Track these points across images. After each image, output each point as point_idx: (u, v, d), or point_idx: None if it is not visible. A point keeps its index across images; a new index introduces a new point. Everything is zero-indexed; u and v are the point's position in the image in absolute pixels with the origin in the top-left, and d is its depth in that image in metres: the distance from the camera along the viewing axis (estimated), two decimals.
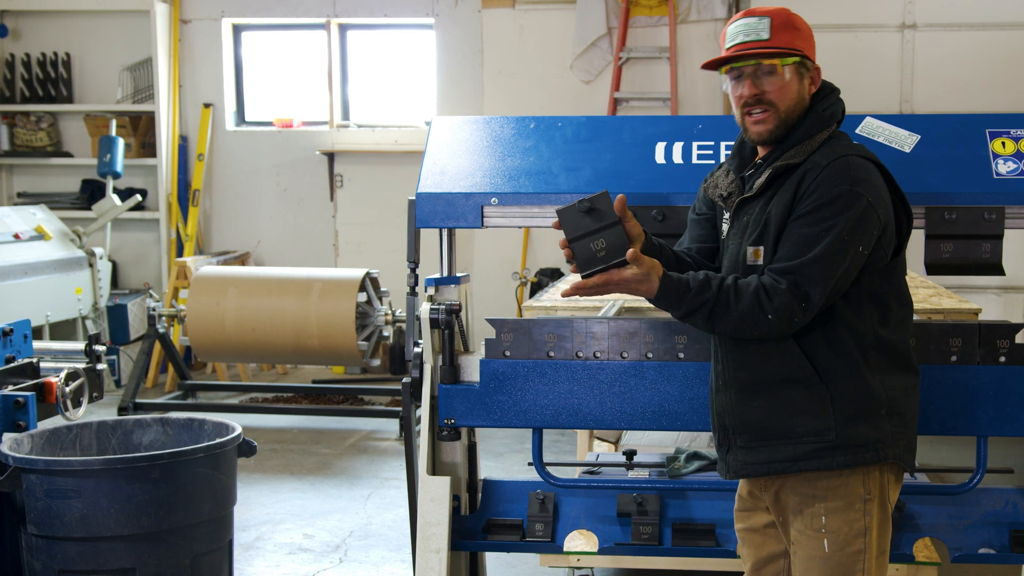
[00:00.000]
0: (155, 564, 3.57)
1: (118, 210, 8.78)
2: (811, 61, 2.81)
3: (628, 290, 2.66)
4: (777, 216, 2.70)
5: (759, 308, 2.61)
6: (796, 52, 2.75)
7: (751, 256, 2.75)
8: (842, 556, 2.70)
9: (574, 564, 4.22)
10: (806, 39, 2.81)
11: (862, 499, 2.71)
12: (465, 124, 3.66)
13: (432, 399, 3.49)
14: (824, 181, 2.65)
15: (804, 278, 2.60)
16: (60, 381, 4.10)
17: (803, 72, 2.79)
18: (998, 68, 8.74)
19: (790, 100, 2.77)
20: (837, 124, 2.84)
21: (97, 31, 9.98)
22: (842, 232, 2.61)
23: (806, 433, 2.69)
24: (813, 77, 2.81)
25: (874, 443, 2.68)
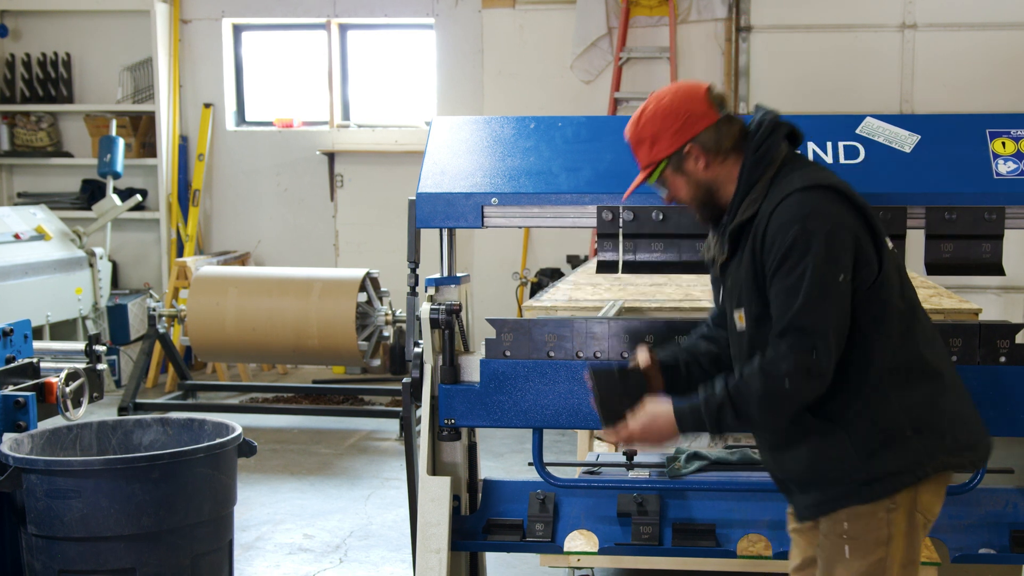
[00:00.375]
0: (155, 564, 3.57)
1: (118, 210, 8.78)
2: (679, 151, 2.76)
3: (656, 439, 2.73)
4: (745, 275, 2.69)
5: (772, 383, 2.57)
6: (654, 164, 2.79)
7: (737, 321, 2.74)
8: (862, 563, 2.69)
9: (574, 564, 4.22)
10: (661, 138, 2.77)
11: (886, 508, 2.68)
12: (465, 124, 3.66)
13: (432, 399, 3.49)
14: (777, 230, 2.60)
15: (799, 330, 2.56)
16: (60, 381, 4.10)
17: (681, 163, 2.78)
18: (998, 68, 8.74)
19: (688, 193, 2.81)
20: (783, 154, 2.76)
21: (97, 31, 9.98)
22: (816, 271, 2.55)
23: (836, 477, 2.68)
24: (696, 156, 2.76)
25: (910, 467, 2.66)
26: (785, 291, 2.58)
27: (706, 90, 2.78)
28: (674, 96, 2.78)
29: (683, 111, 2.75)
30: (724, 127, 2.76)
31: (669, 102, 2.77)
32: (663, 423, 2.70)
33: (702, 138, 2.75)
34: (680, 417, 2.68)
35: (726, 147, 2.76)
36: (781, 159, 2.74)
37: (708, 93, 2.78)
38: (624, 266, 3.43)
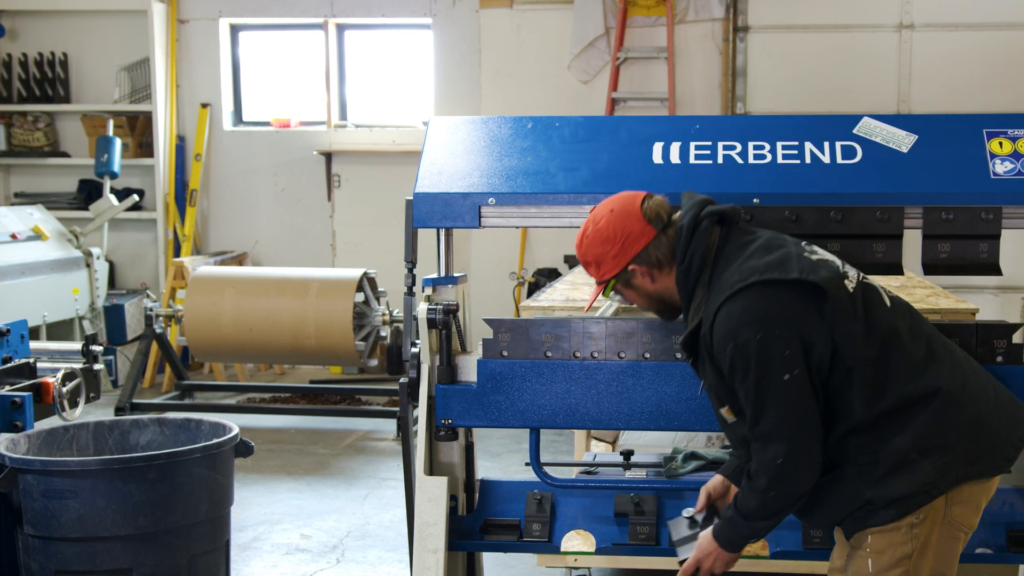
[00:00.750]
0: (152, 564, 3.57)
1: (115, 210, 8.77)
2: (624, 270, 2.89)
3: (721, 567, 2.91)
4: (714, 379, 2.80)
5: (764, 496, 2.70)
6: (603, 283, 2.94)
7: (726, 415, 2.83)
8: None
9: (571, 564, 4.22)
10: (603, 260, 2.90)
11: (909, 524, 2.70)
12: (463, 124, 3.66)
13: (429, 399, 3.48)
14: (717, 347, 2.70)
15: (763, 440, 2.67)
16: (57, 381, 4.09)
17: (629, 280, 2.92)
18: (996, 68, 8.75)
19: (644, 303, 2.98)
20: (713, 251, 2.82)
21: (94, 31, 9.98)
22: (757, 382, 2.63)
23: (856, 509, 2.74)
24: (639, 274, 2.90)
25: (923, 487, 2.67)
26: (743, 401, 2.70)
27: (640, 205, 2.87)
28: (609, 218, 2.89)
29: (619, 234, 2.87)
30: (662, 240, 2.87)
31: (605, 225, 2.89)
32: (715, 554, 2.88)
33: (642, 257, 2.88)
34: (724, 540, 2.86)
35: (668, 258, 2.88)
36: (712, 254, 2.81)
37: (643, 208, 2.87)
38: None
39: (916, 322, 2.81)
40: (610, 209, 2.90)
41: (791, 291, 2.65)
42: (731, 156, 3.41)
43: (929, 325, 2.87)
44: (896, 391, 2.68)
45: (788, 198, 3.30)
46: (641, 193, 2.92)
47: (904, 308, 2.82)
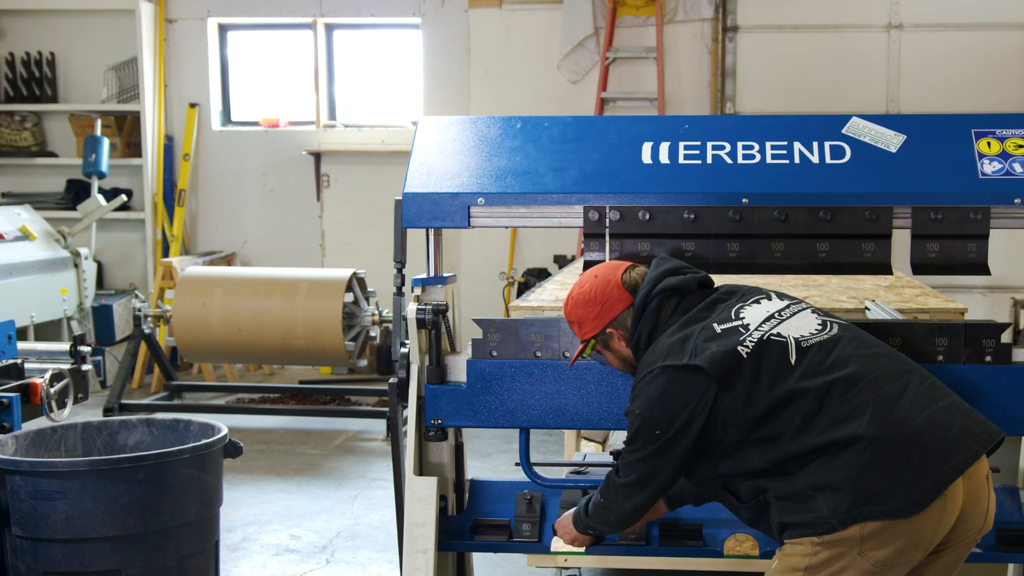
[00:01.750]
0: (141, 565, 3.56)
1: (103, 210, 8.75)
2: (603, 332, 3.09)
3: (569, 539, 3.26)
4: None
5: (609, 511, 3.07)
6: (584, 343, 3.13)
7: None
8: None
9: (561, 564, 4.22)
10: (585, 322, 3.11)
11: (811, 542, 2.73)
12: (452, 124, 3.65)
13: (419, 399, 3.48)
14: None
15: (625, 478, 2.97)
16: (45, 382, 4.08)
17: (607, 341, 3.11)
18: (984, 68, 8.78)
19: (618, 365, 3.16)
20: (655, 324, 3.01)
21: (82, 30, 9.95)
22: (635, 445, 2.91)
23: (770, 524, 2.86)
24: (617, 338, 3.09)
25: (813, 521, 2.72)
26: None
27: (621, 275, 3.10)
28: (593, 283, 3.10)
29: (599, 298, 3.08)
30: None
31: (588, 289, 3.10)
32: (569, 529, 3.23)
33: (618, 321, 3.07)
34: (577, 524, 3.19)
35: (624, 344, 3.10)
36: (660, 328, 3.00)
37: (623, 277, 3.09)
38: None
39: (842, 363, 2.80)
40: (595, 275, 3.12)
41: (680, 373, 2.84)
42: (720, 156, 3.41)
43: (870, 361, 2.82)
44: (792, 445, 2.74)
45: (777, 198, 3.30)
46: (624, 264, 3.14)
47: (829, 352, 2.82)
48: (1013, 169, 3.31)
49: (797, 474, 2.74)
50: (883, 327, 3.31)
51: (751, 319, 2.90)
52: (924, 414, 2.75)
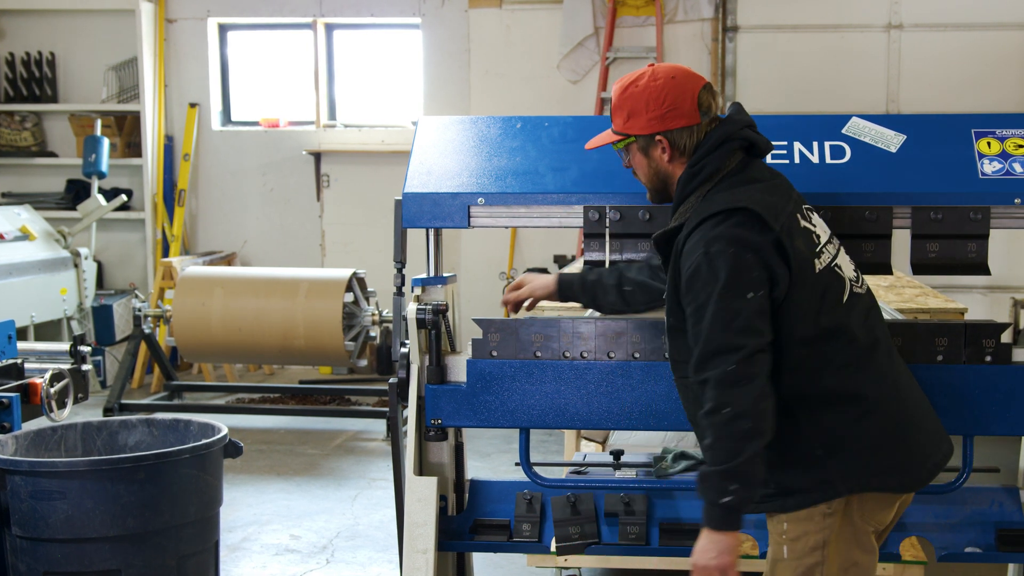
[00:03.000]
0: (141, 565, 3.56)
1: (103, 210, 8.75)
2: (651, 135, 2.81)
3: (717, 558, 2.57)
4: (669, 287, 2.77)
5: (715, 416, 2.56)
6: (623, 135, 2.85)
7: (668, 322, 2.82)
8: (799, 564, 2.72)
9: (561, 564, 4.22)
10: (638, 116, 2.82)
11: (823, 513, 2.70)
12: (452, 124, 3.65)
13: (419, 399, 3.48)
14: (687, 254, 2.66)
15: (713, 356, 2.58)
16: (45, 382, 4.08)
17: (648, 146, 2.84)
18: (984, 68, 8.78)
19: (645, 175, 2.90)
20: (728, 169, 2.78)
21: (82, 30, 9.95)
22: (719, 294, 2.58)
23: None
24: (663, 147, 2.82)
25: (818, 485, 2.67)
26: (694, 320, 2.63)
27: (700, 89, 2.82)
28: (666, 83, 2.81)
29: (668, 102, 2.80)
30: (698, 131, 2.82)
31: (661, 87, 2.81)
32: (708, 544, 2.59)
33: (675, 135, 2.82)
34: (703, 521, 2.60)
35: (692, 150, 2.82)
36: (721, 175, 2.77)
37: (700, 93, 2.81)
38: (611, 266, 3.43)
39: (871, 324, 2.78)
40: (673, 75, 2.83)
41: (769, 234, 2.64)
42: None
43: (884, 331, 2.83)
44: (822, 382, 2.67)
45: None
46: (703, 80, 2.87)
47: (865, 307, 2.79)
48: (1013, 169, 3.31)
49: (803, 423, 2.66)
50: None
51: (820, 230, 2.78)
52: (923, 397, 2.86)
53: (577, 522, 3.56)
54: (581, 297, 3.38)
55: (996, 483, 3.79)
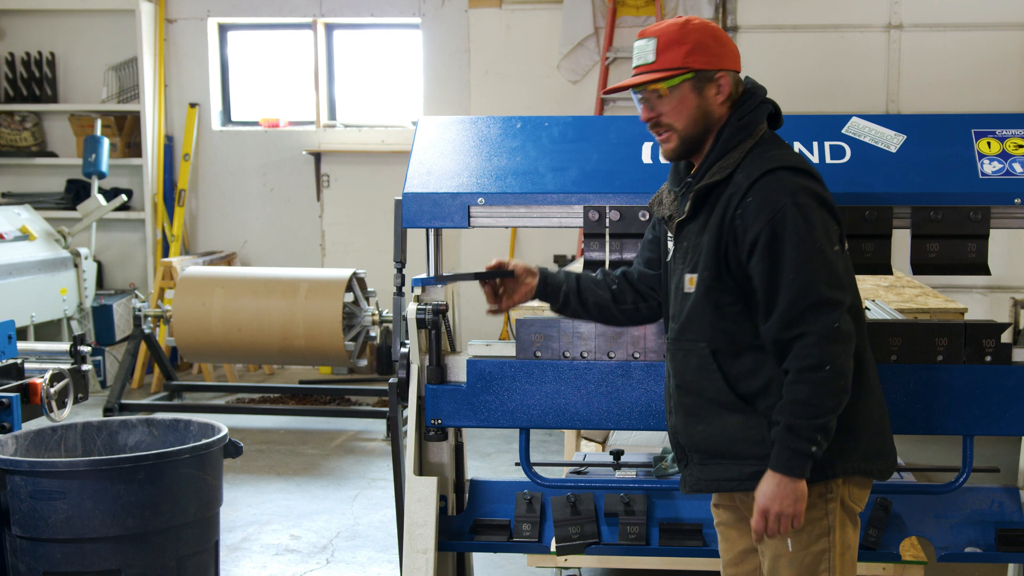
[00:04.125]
0: (141, 565, 3.56)
1: (103, 210, 8.74)
2: (712, 71, 2.73)
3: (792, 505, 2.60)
4: (709, 245, 2.68)
5: (809, 363, 2.55)
6: (683, 70, 2.70)
7: (687, 284, 2.73)
8: (806, 555, 2.71)
9: (561, 564, 4.22)
10: (703, 50, 2.71)
11: (824, 498, 2.70)
12: (452, 124, 3.65)
13: (419, 399, 3.48)
14: (761, 204, 2.60)
15: (813, 309, 2.55)
16: (45, 382, 4.08)
17: (703, 85, 2.73)
18: (984, 68, 8.78)
19: (688, 118, 2.73)
20: (763, 130, 2.77)
21: (82, 30, 9.95)
22: (814, 246, 2.57)
23: (748, 456, 2.69)
24: (720, 86, 2.74)
25: (819, 464, 2.65)
26: (774, 273, 2.58)
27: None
28: (718, 29, 2.79)
29: (728, 43, 2.78)
30: (739, 83, 2.81)
31: (716, 29, 2.77)
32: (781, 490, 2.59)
33: (733, 76, 2.77)
34: (783, 467, 2.58)
35: (736, 98, 2.77)
36: (759, 135, 2.75)
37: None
38: (611, 266, 3.43)
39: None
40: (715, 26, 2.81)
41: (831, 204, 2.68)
42: None
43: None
44: None
45: None
46: None
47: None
48: (1013, 169, 3.31)
49: None
50: (883, 327, 3.31)
51: None
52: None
53: (577, 522, 3.56)
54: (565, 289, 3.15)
55: (996, 483, 3.79)
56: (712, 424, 2.72)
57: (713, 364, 2.70)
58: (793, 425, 2.56)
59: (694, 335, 2.73)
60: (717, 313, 2.68)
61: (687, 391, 2.77)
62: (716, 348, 2.70)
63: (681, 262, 2.78)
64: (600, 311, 3.09)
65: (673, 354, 2.81)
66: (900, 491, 3.50)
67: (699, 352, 2.72)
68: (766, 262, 2.59)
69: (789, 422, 2.56)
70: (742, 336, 2.68)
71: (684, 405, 2.78)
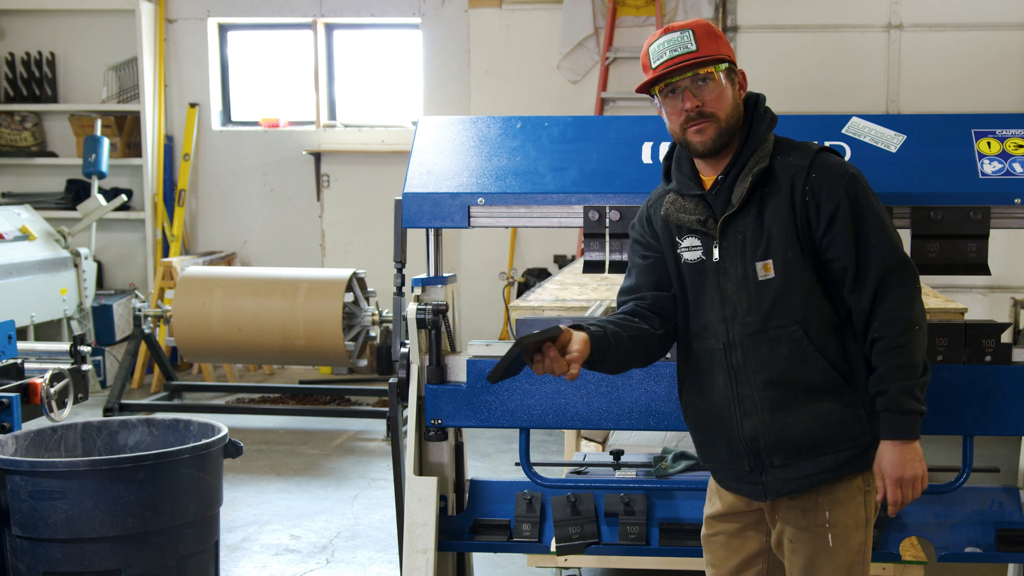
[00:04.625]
0: (141, 565, 3.55)
1: (103, 210, 8.75)
2: (736, 66, 2.79)
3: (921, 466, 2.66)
4: (780, 226, 2.69)
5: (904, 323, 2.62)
6: (726, 58, 2.74)
7: (761, 271, 2.71)
8: (847, 549, 2.71)
9: (561, 564, 4.22)
10: (728, 45, 2.80)
11: (862, 491, 2.72)
12: (452, 124, 3.65)
13: (419, 399, 3.48)
14: (832, 177, 2.68)
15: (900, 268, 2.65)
16: (45, 382, 4.08)
17: (734, 78, 2.78)
18: (984, 68, 8.78)
19: (728, 107, 2.75)
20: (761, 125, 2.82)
21: (82, 30, 9.95)
22: (878, 210, 2.70)
23: (844, 440, 2.69)
24: (741, 82, 2.80)
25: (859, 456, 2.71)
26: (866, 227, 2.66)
27: None
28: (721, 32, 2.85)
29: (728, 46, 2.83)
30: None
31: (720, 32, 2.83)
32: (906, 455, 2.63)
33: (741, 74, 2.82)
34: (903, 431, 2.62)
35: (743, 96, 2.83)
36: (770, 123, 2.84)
37: None
38: (611, 266, 3.43)
39: None
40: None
41: None
42: None
43: None
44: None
45: None
46: None
47: None
48: (1013, 169, 3.31)
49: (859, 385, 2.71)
50: None
51: None
52: None
53: (577, 522, 3.56)
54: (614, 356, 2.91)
55: (996, 483, 3.79)
56: (803, 414, 2.70)
57: (809, 345, 2.68)
58: (904, 388, 2.59)
59: (782, 320, 2.70)
60: (804, 293, 2.69)
61: (776, 384, 2.71)
62: (808, 328, 2.68)
63: (740, 255, 2.73)
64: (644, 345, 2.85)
65: (756, 348, 2.73)
66: None
67: (790, 337, 2.69)
68: (851, 231, 2.66)
69: (899, 387, 2.59)
70: (828, 313, 2.70)
71: (771, 400, 2.72)
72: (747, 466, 2.79)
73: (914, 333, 2.61)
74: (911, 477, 2.62)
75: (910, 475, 2.62)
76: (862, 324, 2.67)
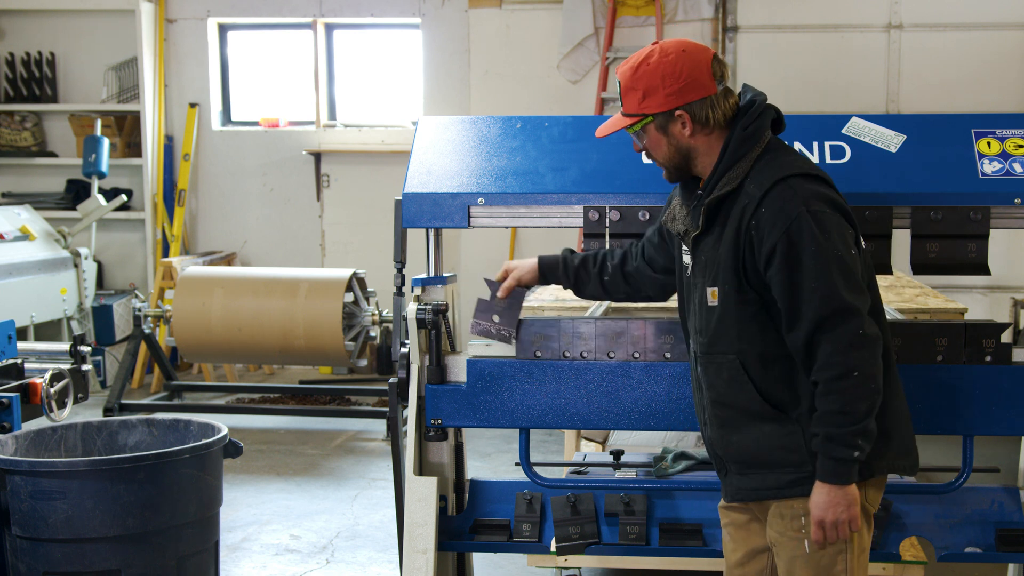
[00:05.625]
0: (141, 565, 3.56)
1: (103, 210, 8.74)
2: (670, 111, 2.74)
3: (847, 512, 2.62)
4: (726, 257, 2.69)
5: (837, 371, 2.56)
6: (639, 116, 2.76)
7: (710, 297, 2.74)
8: (823, 555, 2.71)
9: (561, 564, 4.22)
10: (654, 93, 2.73)
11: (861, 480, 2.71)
12: (452, 124, 3.65)
13: (419, 399, 3.48)
14: (776, 214, 2.60)
15: (837, 315, 2.56)
16: (45, 382, 4.08)
17: (667, 124, 2.76)
18: (984, 68, 8.79)
19: (663, 155, 2.80)
20: (768, 137, 2.77)
21: (82, 30, 9.94)
22: (831, 252, 2.57)
23: (786, 464, 2.71)
24: (684, 123, 2.75)
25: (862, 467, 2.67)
26: (795, 283, 2.58)
27: (711, 59, 2.77)
28: (679, 57, 2.73)
29: (684, 75, 2.72)
30: (719, 101, 2.75)
31: (673, 61, 2.73)
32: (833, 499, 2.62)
33: (695, 107, 2.74)
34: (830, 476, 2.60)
35: (715, 120, 2.75)
36: (766, 142, 2.76)
37: (712, 62, 2.76)
38: None
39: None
40: (683, 49, 2.75)
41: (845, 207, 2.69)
42: None
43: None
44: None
45: None
46: (711, 49, 2.82)
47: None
48: (1013, 169, 3.31)
49: None
50: None
51: None
52: None
53: (577, 522, 3.56)
54: (563, 280, 3.29)
55: (996, 483, 3.79)
56: (747, 434, 2.74)
57: (744, 375, 2.71)
58: (832, 435, 2.58)
59: (723, 347, 2.74)
60: (742, 324, 2.69)
61: (720, 403, 2.78)
62: (744, 359, 2.71)
63: (701, 276, 2.78)
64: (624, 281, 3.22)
65: (704, 368, 2.81)
66: (900, 491, 3.50)
67: (729, 364, 2.73)
68: (785, 272, 2.60)
69: (827, 432, 2.58)
70: (769, 345, 2.70)
71: (718, 417, 2.79)
72: (716, 465, 2.90)
73: (852, 380, 2.55)
74: (832, 522, 2.62)
75: (831, 519, 2.62)
76: (803, 365, 2.65)
